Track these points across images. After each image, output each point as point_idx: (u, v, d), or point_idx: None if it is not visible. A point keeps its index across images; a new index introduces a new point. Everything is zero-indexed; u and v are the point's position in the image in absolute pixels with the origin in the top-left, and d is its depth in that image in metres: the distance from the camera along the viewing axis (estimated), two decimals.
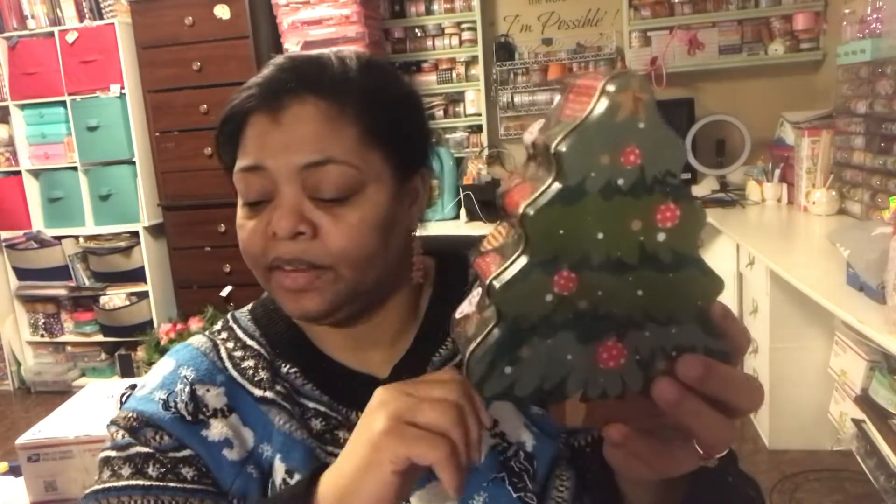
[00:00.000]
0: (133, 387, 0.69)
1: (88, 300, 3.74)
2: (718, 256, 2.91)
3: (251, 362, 0.68)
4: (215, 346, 0.69)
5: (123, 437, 0.63)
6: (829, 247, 2.17)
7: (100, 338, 3.75)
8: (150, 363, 3.12)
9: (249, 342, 0.70)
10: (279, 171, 0.60)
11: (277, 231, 0.59)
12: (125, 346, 3.71)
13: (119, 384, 1.36)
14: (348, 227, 0.60)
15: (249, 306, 0.75)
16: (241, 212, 0.63)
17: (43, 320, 3.83)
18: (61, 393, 3.59)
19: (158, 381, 0.66)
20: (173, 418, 0.63)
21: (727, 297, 2.89)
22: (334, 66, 0.63)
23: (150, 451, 0.62)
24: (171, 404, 0.64)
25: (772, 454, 2.56)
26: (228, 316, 0.74)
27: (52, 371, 3.82)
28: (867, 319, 1.59)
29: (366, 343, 0.69)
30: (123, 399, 0.69)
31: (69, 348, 3.86)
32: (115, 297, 3.66)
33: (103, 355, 3.79)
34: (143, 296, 3.61)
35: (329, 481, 0.49)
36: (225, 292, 3.35)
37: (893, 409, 1.98)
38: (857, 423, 2.15)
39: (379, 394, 0.48)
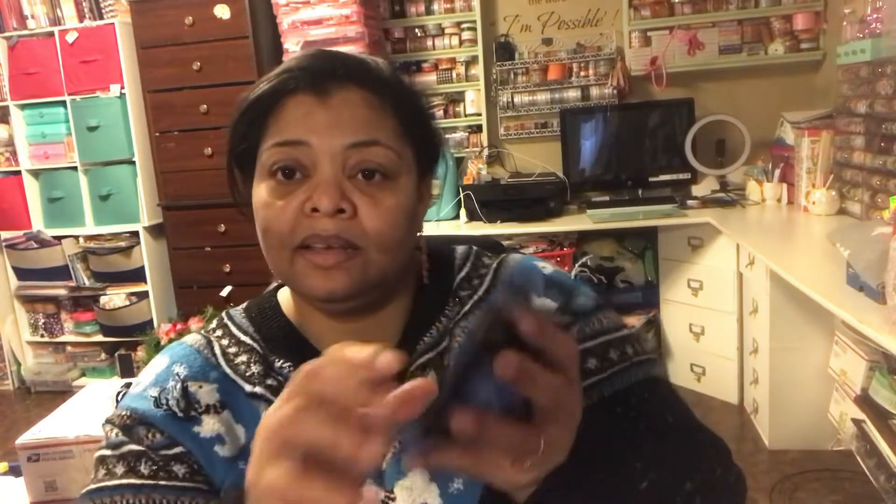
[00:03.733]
0: (128, 385, 0.69)
1: (88, 300, 3.74)
2: (718, 256, 2.91)
3: (244, 357, 0.68)
4: (209, 343, 0.69)
5: (117, 435, 0.63)
6: (829, 247, 2.17)
7: (100, 338, 3.75)
8: None
9: (243, 338, 0.70)
10: (323, 149, 0.60)
11: (320, 206, 0.59)
12: (125, 346, 3.71)
13: (119, 384, 1.36)
14: (385, 209, 0.61)
15: (244, 304, 0.75)
16: (265, 190, 0.62)
17: (43, 320, 3.83)
18: (61, 393, 3.59)
19: (152, 378, 0.67)
20: (165, 415, 0.63)
21: (728, 298, 2.89)
22: (369, 62, 0.65)
23: (143, 449, 0.62)
24: (163, 401, 0.64)
25: (772, 454, 2.56)
26: (223, 313, 0.74)
27: (52, 371, 3.81)
28: (867, 319, 1.59)
29: (366, 341, 0.69)
30: (119, 397, 0.69)
31: (69, 348, 3.85)
32: (115, 297, 3.65)
33: (103, 355, 3.79)
34: (143, 296, 3.60)
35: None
36: (225, 292, 3.35)
37: (893, 409, 1.98)
38: (857, 423, 2.16)
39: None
